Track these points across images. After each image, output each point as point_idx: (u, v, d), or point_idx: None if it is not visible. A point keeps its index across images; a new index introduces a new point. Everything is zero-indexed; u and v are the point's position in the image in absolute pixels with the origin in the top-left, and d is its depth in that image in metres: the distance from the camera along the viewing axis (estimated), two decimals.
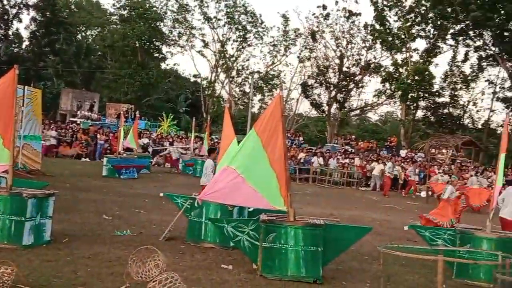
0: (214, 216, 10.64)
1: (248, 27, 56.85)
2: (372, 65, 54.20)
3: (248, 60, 58.75)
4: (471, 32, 49.35)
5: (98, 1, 67.61)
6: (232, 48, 57.74)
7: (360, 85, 55.70)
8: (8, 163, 9.76)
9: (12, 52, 55.74)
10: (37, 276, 7.62)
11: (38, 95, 20.27)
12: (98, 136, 33.55)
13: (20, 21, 57.16)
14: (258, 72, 58.33)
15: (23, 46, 59.05)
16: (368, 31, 53.49)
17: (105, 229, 11.61)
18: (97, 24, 63.22)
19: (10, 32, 57.13)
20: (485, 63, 51.55)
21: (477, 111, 54.97)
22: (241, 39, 57.02)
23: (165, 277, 6.56)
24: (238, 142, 11.12)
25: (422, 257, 6.84)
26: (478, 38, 49.79)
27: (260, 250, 8.85)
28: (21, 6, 56.09)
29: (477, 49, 51.11)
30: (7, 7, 55.54)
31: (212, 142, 33.97)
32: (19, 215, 9.27)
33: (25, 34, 58.63)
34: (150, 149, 33.25)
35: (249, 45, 57.61)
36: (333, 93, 54.67)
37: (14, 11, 56.24)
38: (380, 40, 52.31)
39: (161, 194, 12.87)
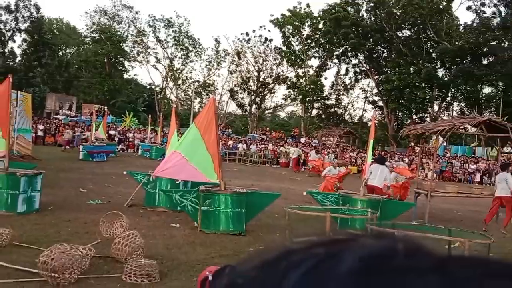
0: (165, 188, 10.54)
1: (190, 48, 56.31)
2: (281, 77, 54.74)
3: (190, 72, 58.24)
4: (350, 54, 50.63)
5: (75, 26, 64.90)
6: (178, 63, 57.07)
7: (272, 91, 56.15)
8: (6, 150, 9.33)
9: (8, 65, 52.73)
10: (29, 235, 7.32)
11: (29, 98, 19.28)
12: (76, 129, 32.34)
13: (14, 41, 54.42)
14: (198, 81, 57.89)
15: (17, 61, 56.11)
16: (277, 52, 53.98)
17: (81, 200, 11.27)
18: (74, 44, 60.63)
19: (6, 50, 54.19)
20: (359, 76, 53.07)
21: (354, 110, 56.95)
22: (185, 56, 56.39)
23: (127, 234, 6.45)
24: (180, 134, 11.00)
25: (315, 214, 7.02)
26: (355, 58, 51.18)
27: (200, 212, 8.85)
28: (15, 30, 53.33)
29: (354, 66, 52.55)
30: (3, 30, 52.66)
31: (163, 133, 33.47)
32: (14, 189, 8.92)
33: (18, 51, 55.88)
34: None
35: (191, 61, 57.06)
36: (253, 97, 54.90)
37: (9, 33, 53.39)
38: (286, 58, 52.93)
39: (125, 172, 12.58)
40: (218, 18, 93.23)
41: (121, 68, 58.48)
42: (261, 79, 54.74)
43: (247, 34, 54.01)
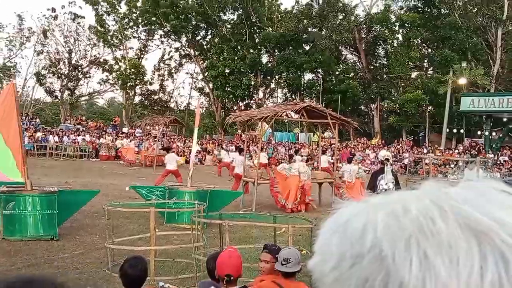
0: None
1: None
2: (97, 59, 52.40)
3: None
4: (172, 36, 50.72)
5: None
6: None
7: (87, 75, 53.46)
8: None
9: None
10: None
11: None
12: None
13: None
14: None
15: None
16: (92, 32, 51.49)
17: None
18: None
19: None
20: (184, 60, 53.51)
21: (180, 97, 57.38)
22: None
23: None
24: None
25: (137, 210, 6.93)
26: (177, 41, 51.49)
27: (1, 217, 8.09)
28: None
29: (176, 49, 52.76)
30: None
31: None
32: None
33: None
34: None
35: None
36: (65, 82, 51.61)
37: None
38: (102, 39, 50.82)
39: None
40: None
41: None
42: (73, 62, 51.72)
43: (53, 10, 50.43)
